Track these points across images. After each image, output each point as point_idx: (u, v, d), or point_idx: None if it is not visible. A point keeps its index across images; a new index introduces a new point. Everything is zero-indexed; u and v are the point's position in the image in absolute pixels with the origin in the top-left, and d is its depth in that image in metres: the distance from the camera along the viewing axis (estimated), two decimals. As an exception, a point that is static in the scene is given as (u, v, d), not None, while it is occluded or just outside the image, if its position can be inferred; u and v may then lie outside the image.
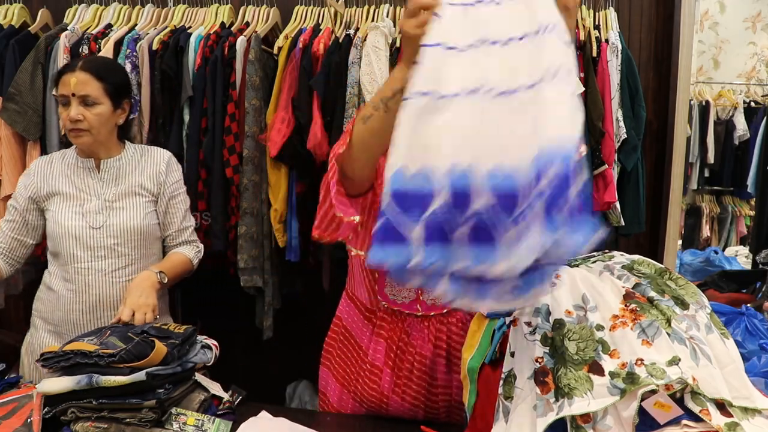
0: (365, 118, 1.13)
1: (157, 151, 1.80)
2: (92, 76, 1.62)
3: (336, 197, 1.18)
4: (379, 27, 2.17)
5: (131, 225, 1.69)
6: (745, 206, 3.82)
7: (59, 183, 1.70)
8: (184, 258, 1.77)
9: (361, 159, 1.18)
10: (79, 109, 1.61)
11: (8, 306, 2.57)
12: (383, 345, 1.39)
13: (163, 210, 1.76)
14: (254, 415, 1.32)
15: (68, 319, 1.69)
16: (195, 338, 1.41)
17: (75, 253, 1.67)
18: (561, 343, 0.96)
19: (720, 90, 3.73)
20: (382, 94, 1.11)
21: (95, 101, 1.63)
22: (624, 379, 0.88)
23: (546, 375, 0.94)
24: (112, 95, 1.66)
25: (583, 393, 0.89)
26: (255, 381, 2.80)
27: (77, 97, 1.61)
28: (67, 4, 2.51)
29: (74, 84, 1.60)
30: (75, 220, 1.67)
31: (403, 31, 1.04)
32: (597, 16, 2.27)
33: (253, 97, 2.21)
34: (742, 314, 2.26)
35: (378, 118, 1.11)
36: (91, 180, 1.71)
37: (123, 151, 1.75)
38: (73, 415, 1.20)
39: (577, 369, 0.92)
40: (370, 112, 1.12)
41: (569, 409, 0.89)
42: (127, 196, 1.71)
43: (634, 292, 1.02)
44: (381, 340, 1.40)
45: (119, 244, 1.68)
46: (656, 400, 0.86)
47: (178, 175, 1.81)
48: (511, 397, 0.98)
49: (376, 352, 1.40)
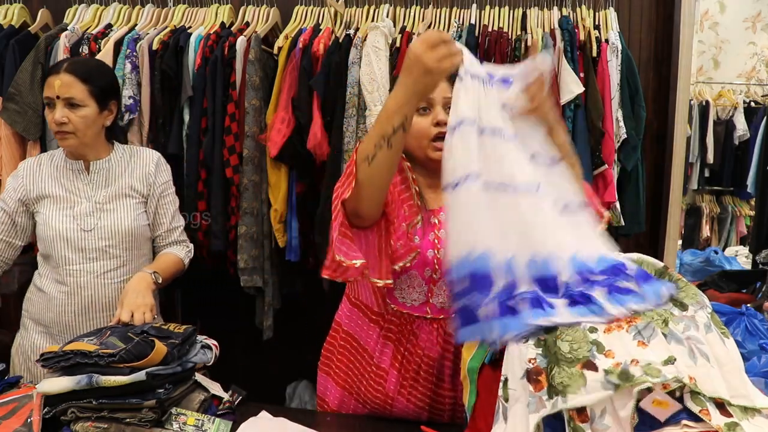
0: (369, 159, 1.14)
1: (146, 152, 1.80)
2: (77, 78, 1.60)
3: (338, 241, 1.19)
4: (379, 27, 2.17)
5: (122, 227, 1.69)
6: (745, 206, 3.82)
7: (48, 185, 1.69)
8: (176, 258, 1.76)
9: (373, 197, 1.20)
10: (64, 112, 1.59)
11: (7, 306, 2.57)
12: (391, 347, 1.39)
13: (153, 210, 1.76)
14: (254, 415, 1.32)
15: (60, 321, 1.69)
16: (195, 338, 1.41)
17: (66, 256, 1.66)
18: (554, 344, 0.96)
19: (720, 90, 3.73)
20: (382, 130, 1.12)
21: (80, 103, 1.61)
22: (618, 376, 0.88)
23: (539, 374, 0.94)
24: (97, 97, 1.64)
25: (577, 389, 0.89)
26: (255, 381, 2.80)
27: (62, 99, 1.59)
28: (67, 4, 2.51)
29: (58, 86, 1.59)
30: (66, 222, 1.66)
31: (420, 60, 1.07)
32: (597, 16, 2.27)
33: (253, 97, 2.21)
34: (742, 314, 2.26)
35: (382, 156, 1.13)
36: (80, 182, 1.70)
37: (112, 153, 1.74)
38: (73, 415, 1.20)
39: (570, 367, 0.91)
40: (373, 151, 1.13)
41: (564, 405, 0.89)
42: (117, 197, 1.70)
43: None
44: (389, 342, 1.40)
45: (111, 246, 1.68)
46: (654, 398, 0.85)
47: (167, 176, 1.81)
48: (508, 399, 0.98)
49: (383, 354, 1.40)
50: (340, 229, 1.19)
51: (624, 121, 2.20)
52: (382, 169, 1.15)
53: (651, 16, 2.45)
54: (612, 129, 2.17)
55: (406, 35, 2.21)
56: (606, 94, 2.15)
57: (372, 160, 1.14)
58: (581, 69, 2.16)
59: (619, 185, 2.25)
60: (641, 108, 2.24)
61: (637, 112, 2.24)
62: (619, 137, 2.20)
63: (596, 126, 2.13)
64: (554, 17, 2.25)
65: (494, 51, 2.14)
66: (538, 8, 2.31)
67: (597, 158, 2.16)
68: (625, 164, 2.24)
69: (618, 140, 2.20)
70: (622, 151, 2.23)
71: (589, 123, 2.15)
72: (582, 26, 2.22)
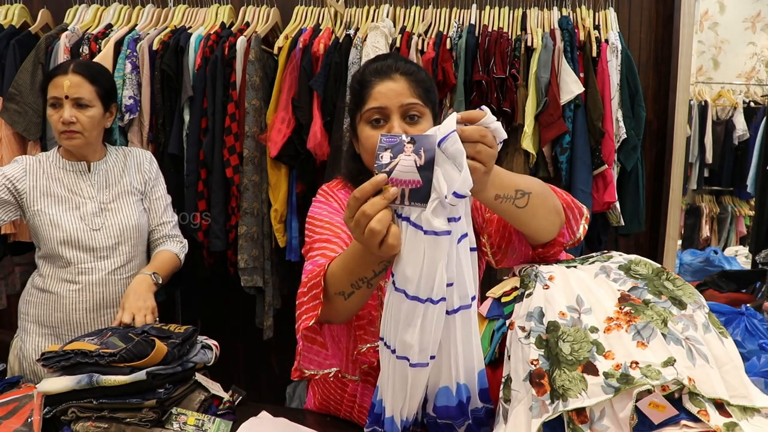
0: (345, 295, 1.03)
1: (138, 151, 1.86)
2: (85, 79, 1.64)
3: (305, 350, 1.08)
4: (379, 27, 2.17)
5: (129, 224, 1.75)
6: (744, 206, 3.82)
7: (50, 184, 1.70)
8: (171, 255, 1.80)
9: (348, 315, 1.12)
10: (72, 111, 1.62)
11: (8, 306, 2.57)
12: (371, 390, 1.38)
13: (147, 205, 1.83)
14: (254, 415, 1.32)
15: (70, 320, 1.70)
16: (195, 338, 1.42)
17: (77, 255, 1.69)
18: (555, 345, 0.96)
19: (719, 90, 3.73)
20: (360, 274, 1.00)
21: (88, 104, 1.65)
22: (618, 379, 0.88)
23: (542, 377, 0.94)
24: (102, 98, 1.69)
25: (578, 393, 0.89)
26: (255, 381, 2.81)
27: (70, 99, 1.63)
28: (67, 5, 2.52)
29: (67, 86, 1.62)
30: (74, 223, 1.69)
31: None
32: (597, 16, 2.28)
33: (253, 97, 2.21)
34: (741, 314, 2.27)
35: (360, 293, 1.03)
36: (83, 183, 1.73)
37: (107, 154, 1.79)
38: (73, 414, 1.20)
39: (571, 369, 0.91)
40: (350, 289, 1.02)
41: (564, 409, 0.89)
42: (120, 197, 1.75)
43: (630, 294, 1.01)
44: (369, 386, 1.38)
45: (119, 243, 1.74)
46: (651, 400, 0.86)
47: (157, 173, 1.88)
48: (509, 400, 0.98)
49: (365, 395, 1.37)
50: (306, 334, 1.07)
51: (624, 121, 2.20)
52: (361, 301, 1.06)
53: (651, 16, 2.45)
54: (612, 129, 2.17)
55: (406, 35, 2.21)
56: (606, 94, 2.16)
57: (348, 296, 1.03)
58: (581, 69, 2.16)
59: (619, 185, 2.25)
60: (641, 108, 2.25)
61: (636, 112, 2.25)
62: (619, 137, 2.20)
63: (596, 126, 2.14)
64: (554, 17, 2.25)
65: (494, 51, 2.14)
66: (538, 8, 2.31)
67: (597, 158, 2.17)
68: (625, 164, 2.24)
69: (618, 140, 2.21)
70: (622, 151, 2.23)
71: (589, 123, 2.16)
72: (582, 26, 2.22)
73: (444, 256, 0.88)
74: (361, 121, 1.21)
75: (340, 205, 1.28)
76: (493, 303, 1.19)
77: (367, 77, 1.21)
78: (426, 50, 2.16)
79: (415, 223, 0.87)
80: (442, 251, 0.88)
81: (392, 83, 1.18)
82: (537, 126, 2.14)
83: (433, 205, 0.85)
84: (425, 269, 0.88)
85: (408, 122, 1.18)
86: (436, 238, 0.86)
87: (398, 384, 0.98)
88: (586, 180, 2.14)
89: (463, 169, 0.84)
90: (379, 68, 1.21)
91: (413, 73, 1.21)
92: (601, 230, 2.30)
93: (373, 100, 1.18)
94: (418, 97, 1.18)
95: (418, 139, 0.86)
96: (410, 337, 0.92)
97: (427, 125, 1.19)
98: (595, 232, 2.28)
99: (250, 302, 2.42)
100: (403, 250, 0.89)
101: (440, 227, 0.86)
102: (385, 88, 1.18)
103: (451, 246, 0.89)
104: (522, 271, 1.14)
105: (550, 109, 2.11)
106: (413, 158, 0.86)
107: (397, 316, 0.93)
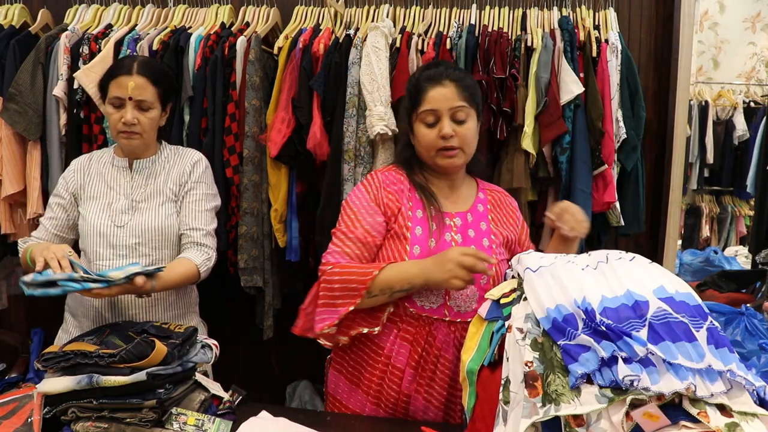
0: (370, 294, 1.35)
1: (188, 152, 1.82)
2: (149, 81, 1.65)
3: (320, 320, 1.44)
4: (379, 27, 2.17)
5: (152, 225, 1.69)
6: (744, 206, 3.82)
7: (95, 182, 1.73)
8: (188, 264, 1.66)
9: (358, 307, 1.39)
10: (135, 113, 1.63)
11: (9, 306, 2.57)
12: (407, 348, 1.40)
13: (178, 209, 1.75)
14: (254, 415, 1.32)
15: (96, 315, 1.70)
16: (195, 338, 1.42)
17: (98, 251, 1.68)
18: (550, 349, 0.96)
19: (720, 90, 3.73)
20: (394, 283, 1.34)
21: (150, 106, 1.66)
22: (613, 390, 0.88)
23: (536, 380, 0.94)
24: (162, 100, 1.70)
25: (571, 399, 0.89)
26: (255, 381, 2.81)
27: (134, 101, 1.63)
28: (67, 5, 2.52)
29: (132, 88, 1.62)
30: (101, 217, 1.68)
31: (450, 269, 1.28)
32: (597, 17, 2.27)
33: (253, 97, 2.21)
34: (741, 314, 2.26)
35: (382, 299, 1.37)
36: (122, 179, 1.73)
37: (158, 152, 1.78)
38: (73, 415, 1.20)
39: (565, 375, 0.92)
40: (376, 292, 1.35)
41: (555, 414, 0.90)
42: (152, 196, 1.72)
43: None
44: (405, 343, 1.40)
45: (140, 244, 1.68)
46: (645, 410, 0.86)
47: (200, 176, 1.78)
48: (509, 401, 0.99)
49: (399, 354, 1.41)
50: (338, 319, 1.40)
51: (624, 121, 2.20)
52: (375, 304, 1.39)
53: (651, 16, 2.45)
54: (612, 129, 2.17)
55: (406, 35, 2.21)
56: (606, 94, 2.15)
57: (373, 297, 1.36)
58: (581, 69, 2.16)
59: (618, 185, 2.25)
60: (641, 108, 2.24)
61: (636, 112, 2.24)
62: (619, 137, 2.20)
63: (596, 126, 2.13)
64: (554, 17, 2.25)
65: (494, 51, 2.14)
66: (538, 8, 2.31)
67: (597, 158, 2.17)
68: (624, 164, 2.24)
69: (618, 140, 2.20)
70: (621, 151, 2.23)
71: (588, 123, 2.16)
72: (582, 26, 2.22)
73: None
74: (417, 120, 1.46)
75: (381, 182, 1.49)
76: (492, 304, 1.19)
77: (422, 83, 1.45)
78: (426, 50, 2.16)
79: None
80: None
81: (443, 88, 1.42)
82: (537, 126, 2.14)
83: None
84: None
85: (456, 123, 1.42)
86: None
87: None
88: (586, 180, 2.14)
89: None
90: (431, 75, 1.45)
91: (461, 79, 1.45)
92: (601, 230, 2.29)
93: (426, 102, 1.42)
94: (464, 100, 1.43)
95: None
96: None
97: (472, 124, 1.45)
98: (595, 232, 2.28)
99: (250, 302, 2.42)
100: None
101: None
102: (437, 94, 1.42)
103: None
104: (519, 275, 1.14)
105: (550, 109, 2.11)
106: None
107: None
